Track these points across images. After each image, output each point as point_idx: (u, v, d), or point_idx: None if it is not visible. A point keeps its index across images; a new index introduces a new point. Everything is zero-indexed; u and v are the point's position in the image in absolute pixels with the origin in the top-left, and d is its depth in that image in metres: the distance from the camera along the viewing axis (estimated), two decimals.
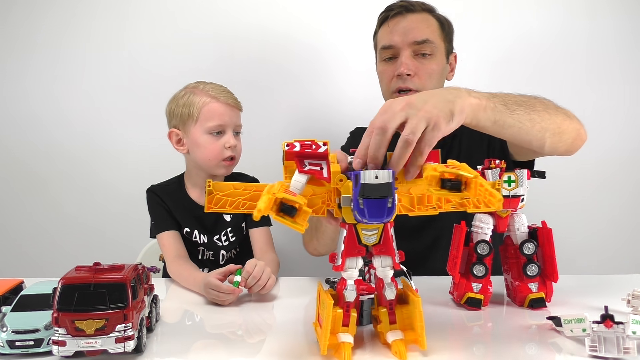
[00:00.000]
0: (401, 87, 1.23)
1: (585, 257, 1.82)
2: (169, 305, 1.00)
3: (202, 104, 1.28)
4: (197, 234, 1.34)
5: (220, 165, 1.30)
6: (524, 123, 0.84)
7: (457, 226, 0.94)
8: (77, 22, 1.79)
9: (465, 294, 0.92)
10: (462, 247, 0.92)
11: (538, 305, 0.91)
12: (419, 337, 0.72)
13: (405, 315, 0.75)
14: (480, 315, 0.90)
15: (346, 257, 0.72)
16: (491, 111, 0.80)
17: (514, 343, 0.76)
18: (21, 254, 1.86)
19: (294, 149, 0.69)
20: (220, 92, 1.31)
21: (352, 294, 0.73)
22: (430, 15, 1.28)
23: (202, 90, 1.30)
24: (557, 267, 0.92)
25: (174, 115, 1.32)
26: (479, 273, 0.91)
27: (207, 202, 0.72)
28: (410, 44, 1.23)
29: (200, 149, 1.29)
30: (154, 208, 1.34)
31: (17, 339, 0.71)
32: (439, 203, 0.74)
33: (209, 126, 1.27)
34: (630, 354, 0.67)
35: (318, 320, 0.76)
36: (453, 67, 1.34)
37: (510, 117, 0.82)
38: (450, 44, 1.32)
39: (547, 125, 0.88)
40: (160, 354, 0.75)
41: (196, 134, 1.29)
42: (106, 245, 1.81)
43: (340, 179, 0.71)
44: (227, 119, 1.29)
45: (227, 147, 1.29)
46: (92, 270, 0.72)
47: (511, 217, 0.93)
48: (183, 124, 1.30)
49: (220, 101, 1.29)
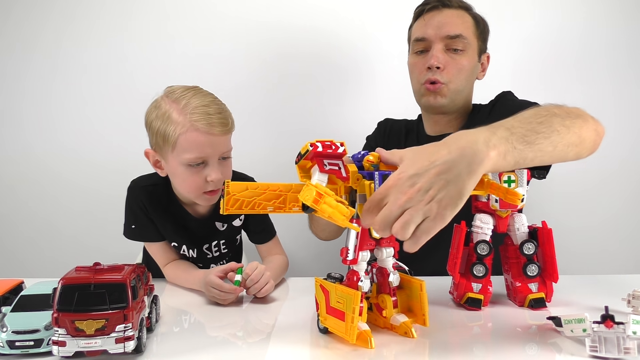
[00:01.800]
0: (430, 79, 1.25)
1: (586, 257, 1.82)
2: (169, 305, 1.00)
3: (179, 129, 1.07)
4: (186, 248, 1.24)
5: (201, 197, 1.14)
6: (545, 150, 0.77)
7: (457, 226, 0.94)
8: (75, 26, 1.80)
9: (465, 294, 0.92)
10: (462, 247, 0.92)
11: (538, 306, 0.91)
12: (422, 316, 0.81)
13: (404, 300, 0.83)
14: (480, 315, 0.90)
15: (360, 251, 0.77)
16: (511, 156, 0.72)
17: (514, 343, 0.76)
18: (21, 254, 1.86)
19: (317, 149, 0.73)
20: (204, 115, 1.08)
21: (367, 283, 0.78)
22: (467, 12, 1.28)
23: (182, 110, 1.08)
24: (557, 267, 0.92)
25: (151, 131, 1.14)
26: (478, 273, 0.91)
27: (225, 204, 0.74)
28: (443, 37, 1.24)
29: (178, 179, 1.14)
30: (136, 214, 1.21)
31: (17, 339, 0.71)
32: None
33: (187, 158, 1.08)
34: (631, 354, 0.67)
35: (328, 313, 0.79)
36: (485, 67, 1.34)
37: (531, 151, 0.75)
38: (484, 43, 1.32)
39: (568, 141, 0.81)
40: (160, 354, 0.75)
41: (173, 163, 1.11)
42: (106, 246, 1.81)
43: (357, 177, 0.75)
44: (210, 151, 1.09)
45: (209, 181, 1.11)
46: (92, 271, 0.72)
47: (511, 217, 0.93)
48: (160, 147, 1.12)
49: (201, 130, 1.07)
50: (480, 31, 1.29)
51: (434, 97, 1.26)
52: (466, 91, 1.29)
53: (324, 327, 0.80)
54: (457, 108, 1.30)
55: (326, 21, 1.79)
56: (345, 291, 0.75)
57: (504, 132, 0.72)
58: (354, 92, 1.82)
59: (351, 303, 0.74)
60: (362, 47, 1.80)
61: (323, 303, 0.80)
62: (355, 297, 0.73)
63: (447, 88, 1.25)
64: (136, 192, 1.22)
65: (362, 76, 1.82)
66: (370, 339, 0.75)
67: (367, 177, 0.75)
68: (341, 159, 0.75)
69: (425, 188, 0.63)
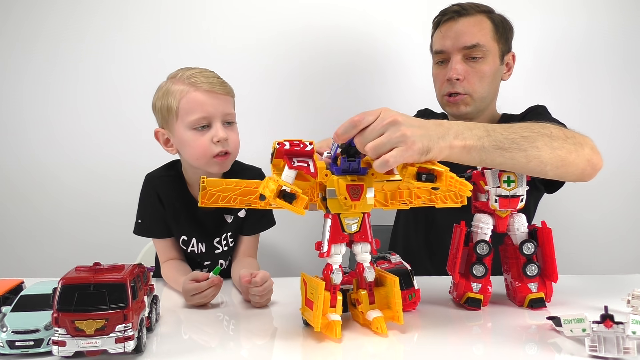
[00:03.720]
0: (450, 92, 1.26)
1: (586, 257, 1.82)
2: (169, 305, 1.00)
3: (180, 95, 1.12)
4: (195, 242, 1.23)
5: (212, 162, 1.14)
6: (517, 160, 0.84)
7: (457, 226, 0.94)
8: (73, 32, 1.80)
9: (465, 294, 0.92)
10: (462, 247, 0.93)
11: (538, 305, 0.91)
12: (396, 313, 0.82)
13: (382, 296, 0.85)
14: (480, 315, 0.90)
15: (332, 244, 0.80)
16: (477, 152, 0.80)
17: (514, 343, 0.76)
18: (21, 254, 1.86)
19: (284, 147, 0.77)
20: (202, 77, 1.13)
21: (338, 276, 0.81)
22: (485, 16, 1.27)
23: (180, 79, 1.13)
24: (556, 267, 0.92)
25: (156, 111, 1.18)
26: (478, 273, 0.91)
27: (201, 197, 0.80)
28: (461, 49, 1.25)
29: (186, 147, 1.14)
30: (146, 207, 1.22)
31: (17, 339, 0.71)
32: (410, 199, 0.89)
33: (191, 120, 1.11)
34: (630, 354, 0.67)
35: (306, 305, 0.83)
36: (510, 66, 1.34)
37: (501, 156, 0.82)
38: (507, 44, 1.31)
39: (547, 159, 0.86)
40: (160, 354, 0.75)
41: (179, 131, 1.13)
42: (106, 246, 1.81)
43: (325, 173, 0.81)
44: (211, 109, 1.12)
45: (216, 142, 1.12)
46: (92, 271, 0.72)
47: (511, 217, 0.93)
48: (166, 121, 1.16)
49: (200, 89, 1.11)
50: (500, 34, 1.28)
51: (456, 108, 1.28)
52: (491, 96, 1.30)
53: (304, 319, 0.84)
54: (482, 112, 1.31)
55: (334, 16, 1.79)
56: (315, 282, 0.80)
57: (481, 132, 0.81)
58: (371, 87, 1.82)
59: (317, 292, 0.78)
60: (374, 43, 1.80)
61: (303, 295, 0.84)
62: (319, 287, 0.77)
63: (471, 97, 1.26)
64: (152, 182, 1.24)
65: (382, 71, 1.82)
66: (336, 329, 0.77)
67: (335, 173, 0.80)
68: (310, 157, 0.79)
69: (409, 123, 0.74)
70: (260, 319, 0.93)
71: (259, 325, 0.90)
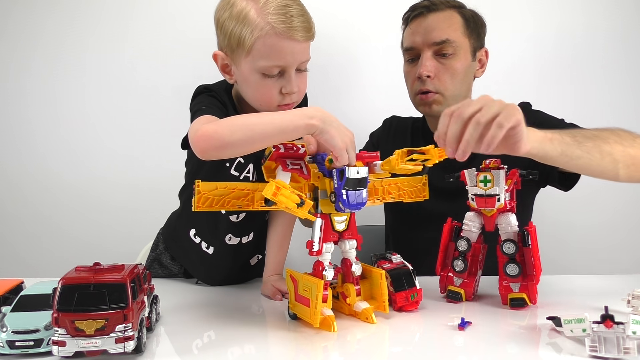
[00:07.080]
0: (422, 89, 1.23)
1: (586, 257, 1.81)
2: (169, 305, 1.00)
3: (258, 33, 0.95)
4: (252, 168, 1.09)
5: (273, 110, 1.02)
6: (593, 155, 0.87)
7: (446, 225, 1.00)
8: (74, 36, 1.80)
9: (446, 287, 0.98)
10: (446, 243, 0.99)
11: (517, 305, 0.92)
12: (382, 303, 0.87)
13: (366, 288, 0.90)
14: (480, 315, 0.90)
15: (324, 243, 0.83)
16: (558, 143, 0.84)
17: (513, 343, 0.76)
18: (21, 254, 1.86)
19: (279, 151, 0.80)
20: (285, 17, 0.95)
21: (330, 273, 0.85)
22: (456, 11, 1.23)
23: (261, 10, 0.95)
24: (540, 269, 0.91)
25: (222, 31, 1.01)
26: (457, 267, 0.96)
27: (196, 202, 0.82)
28: (430, 45, 1.21)
29: (250, 88, 1.03)
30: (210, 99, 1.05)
31: (17, 339, 0.71)
32: (383, 195, 0.97)
33: (264, 66, 0.97)
34: (631, 354, 0.67)
35: (296, 301, 0.86)
36: (483, 63, 1.30)
37: (578, 149, 0.85)
38: (479, 39, 1.27)
39: (619, 157, 0.89)
40: (160, 354, 0.75)
41: (246, 68, 1.00)
42: (106, 246, 1.81)
43: (318, 176, 0.84)
44: (290, 59, 0.98)
45: (285, 93, 1.01)
46: (92, 271, 0.72)
47: (499, 216, 0.94)
48: (231, 50, 1.00)
49: (282, 36, 0.95)
50: (472, 29, 1.24)
51: (429, 107, 1.24)
52: (463, 93, 1.26)
53: (293, 313, 0.88)
54: None
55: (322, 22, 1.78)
56: (311, 280, 0.82)
57: (555, 130, 0.87)
58: (354, 88, 1.82)
59: (315, 290, 0.81)
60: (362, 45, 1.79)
61: (292, 291, 0.87)
62: (318, 285, 0.81)
63: (442, 96, 1.22)
64: (212, 91, 1.09)
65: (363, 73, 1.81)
66: (332, 324, 0.81)
67: (326, 175, 0.83)
68: (303, 159, 0.81)
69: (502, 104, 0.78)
70: (261, 319, 0.93)
71: (259, 325, 0.90)
